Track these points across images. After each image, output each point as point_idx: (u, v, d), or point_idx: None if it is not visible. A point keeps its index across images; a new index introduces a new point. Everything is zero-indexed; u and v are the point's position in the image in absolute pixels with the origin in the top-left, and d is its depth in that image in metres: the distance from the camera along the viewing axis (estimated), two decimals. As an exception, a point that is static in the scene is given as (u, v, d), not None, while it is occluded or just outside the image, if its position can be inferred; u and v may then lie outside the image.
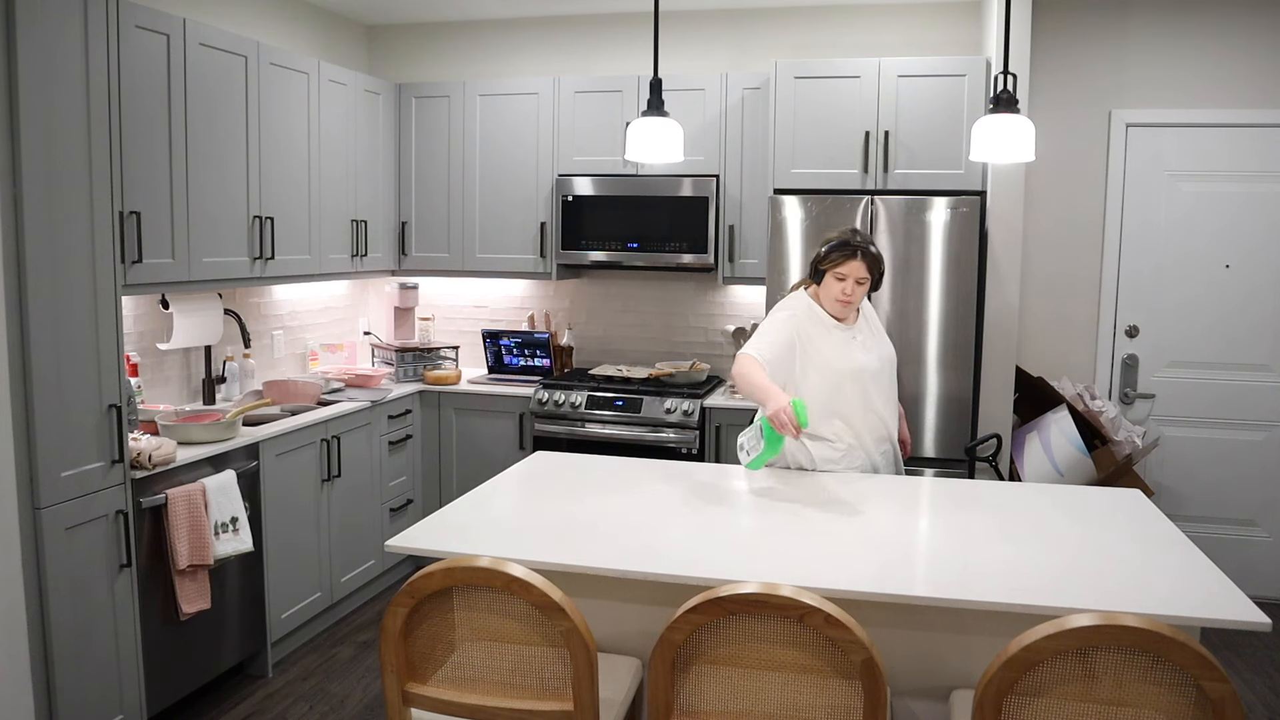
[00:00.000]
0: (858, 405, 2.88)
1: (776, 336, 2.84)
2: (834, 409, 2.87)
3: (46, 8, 2.51)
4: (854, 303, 2.86)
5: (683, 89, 4.35)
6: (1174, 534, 2.36)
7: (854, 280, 2.81)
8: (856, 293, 2.83)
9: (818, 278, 2.89)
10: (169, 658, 3.05)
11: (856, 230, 2.90)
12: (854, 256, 2.80)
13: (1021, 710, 1.65)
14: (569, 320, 4.99)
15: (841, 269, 2.82)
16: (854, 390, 2.86)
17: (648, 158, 2.94)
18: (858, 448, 2.92)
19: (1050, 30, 4.28)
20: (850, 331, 2.90)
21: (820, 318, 2.88)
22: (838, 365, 2.85)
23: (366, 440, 4.13)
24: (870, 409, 2.91)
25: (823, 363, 2.85)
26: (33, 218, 2.49)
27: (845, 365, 2.85)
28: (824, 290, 2.88)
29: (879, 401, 2.92)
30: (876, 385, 2.91)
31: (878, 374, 2.91)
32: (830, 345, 2.86)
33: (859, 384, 2.86)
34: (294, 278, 4.04)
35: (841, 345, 2.86)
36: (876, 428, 2.93)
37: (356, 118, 4.43)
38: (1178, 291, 4.30)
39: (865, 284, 2.84)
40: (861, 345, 2.90)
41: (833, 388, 2.85)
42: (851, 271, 2.81)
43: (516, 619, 1.85)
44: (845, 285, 2.82)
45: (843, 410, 2.88)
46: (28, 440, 2.51)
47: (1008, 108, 2.56)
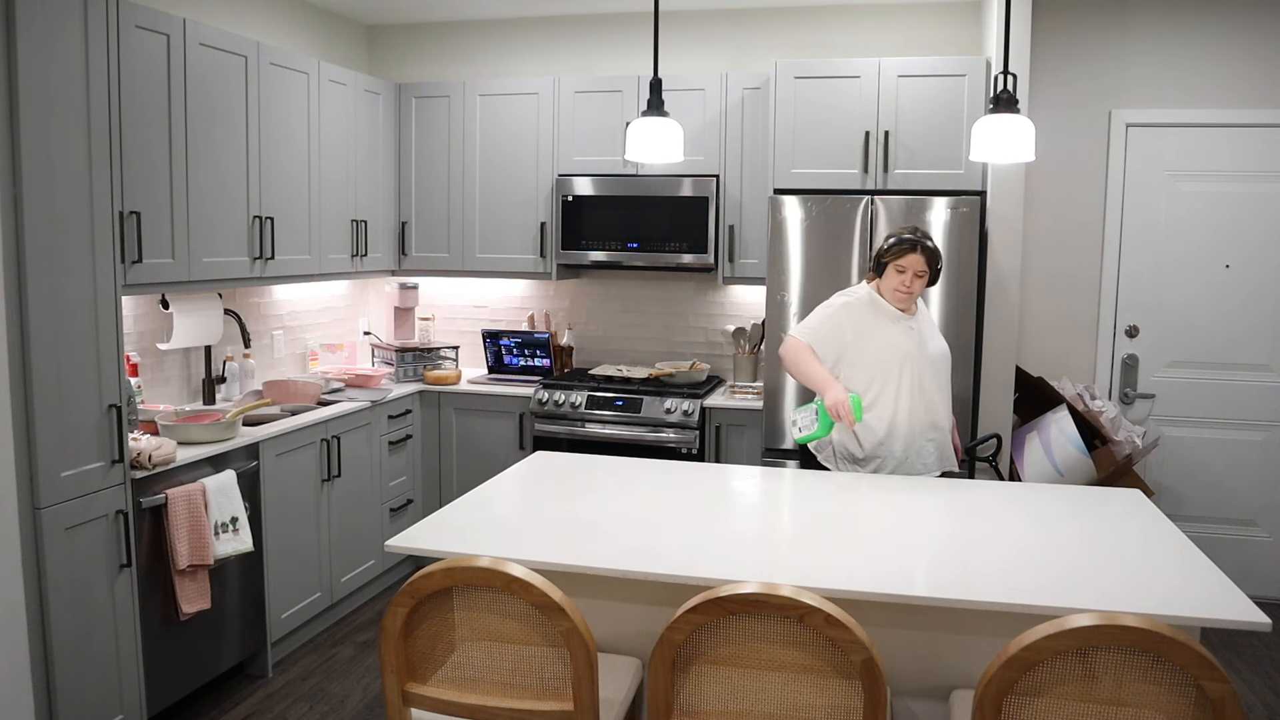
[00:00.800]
0: (913, 389, 3.00)
1: (825, 322, 3.06)
2: (886, 393, 3.00)
3: (46, 8, 2.51)
4: (914, 294, 3.03)
5: (683, 89, 4.35)
6: (1174, 534, 2.36)
7: (913, 273, 2.98)
8: (916, 284, 3.00)
9: (880, 270, 3.06)
10: (169, 658, 3.05)
11: (917, 227, 3.11)
12: (914, 250, 2.97)
13: (1021, 710, 1.65)
14: (569, 320, 4.99)
15: (902, 261, 2.98)
16: (910, 374, 3.00)
17: (648, 158, 2.94)
18: (905, 432, 3.02)
19: (1050, 30, 4.28)
20: (910, 321, 3.06)
21: (882, 307, 3.05)
22: (896, 348, 3.00)
23: (366, 440, 4.13)
24: (924, 395, 3.03)
25: (879, 348, 3.00)
26: (33, 218, 2.49)
27: (903, 348, 3.00)
28: (885, 282, 3.04)
29: (933, 390, 3.05)
30: (932, 373, 3.05)
31: (934, 362, 3.06)
32: (885, 331, 3.02)
33: (915, 369, 3.01)
34: (294, 278, 4.04)
35: (897, 334, 3.02)
36: (928, 414, 3.04)
37: (356, 118, 4.43)
38: (1178, 291, 4.30)
39: (924, 277, 3.00)
40: (917, 336, 3.06)
41: (889, 371, 3.00)
42: (911, 264, 2.97)
43: (516, 619, 1.85)
44: (905, 277, 2.99)
45: (895, 393, 3.00)
46: (28, 440, 2.51)
47: (1008, 108, 2.56)
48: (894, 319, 3.04)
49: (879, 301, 3.06)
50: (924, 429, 3.04)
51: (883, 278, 3.05)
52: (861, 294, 3.09)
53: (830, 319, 3.06)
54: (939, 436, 3.09)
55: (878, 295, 3.07)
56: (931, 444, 3.07)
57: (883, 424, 3.01)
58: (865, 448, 3.04)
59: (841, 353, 3.03)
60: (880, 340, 3.01)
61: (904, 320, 3.05)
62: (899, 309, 3.05)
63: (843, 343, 3.03)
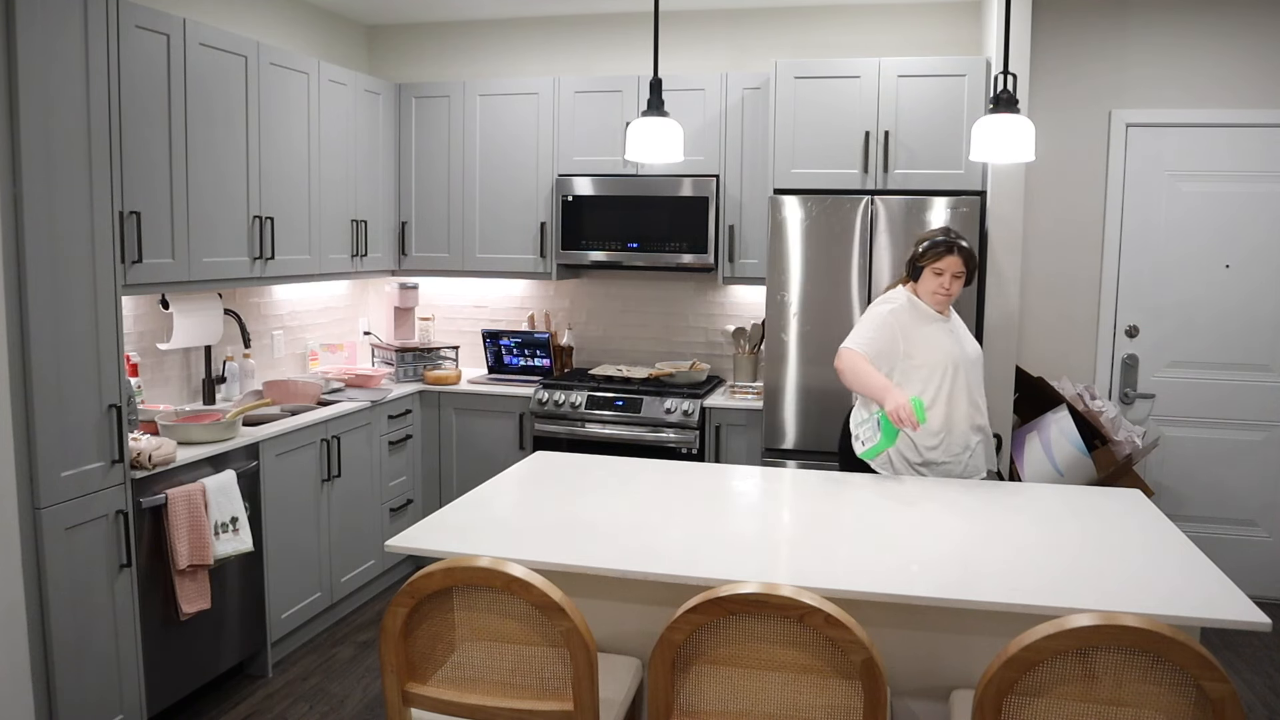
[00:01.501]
0: (960, 393, 2.99)
1: (879, 331, 2.99)
2: (940, 396, 2.97)
3: (46, 8, 2.51)
4: (952, 296, 3.00)
5: (683, 89, 4.35)
6: (1174, 534, 2.36)
7: (951, 274, 2.96)
8: (955, 286, 2.98)
9: (915, 274, 3.04)
10: (169, 658, 3.05)
11: (949, 229, 3.08)
12: (951, 251, 2.95)
13: (1021, 710, 1.65)
14: (569, 320, 4.99)
15: (939, 264, 2.96)
16: (959, 378, 2.99)
17: (648, 158, 2.94)
18: (955, 436, 3.00)
19: (1050, 30, 4.28)
20: (948, 324, 3.05)
21: (923, 310, 3.02)
22: (944, 353, 2.97)
23: (366, 440, 4.13)
24: (969, 398, 3.01)
25: (928, 351, 2.97)
26: (33, 218, 2.49)
27: (944, 355, 2.98)
28: (922, 285, 3.02)
29: (976, 391, 3.05)
30: (974, 375, 3.04)
31: (973, 364, 3.05)
32: (931, 336, 2.99)
33: (961, 372, 2.99)
34: (294, 278, 4.04)
35: (941, 337, 3.00)
36: (973, 416, 3.03)
37: (356, 118, 4.43)
38: (1178, 291, 4.30)
39: (961, 278, 2.98)
40: (957, 338, 3.05)
41: (940, 376, 2.97)
42: (949, 266, 2.95)
43: (516, 619, 1.85)
44: (943, 279, 2.97)
45: (945, 398, 2.97)
46: (28, 440, 2.51)
47: (1008, 108, 2.56)
48: (936, 322, 3.01)
49: (920, 305, 3.03)
50: (973, 430, 3.03)
51: (919, 282, 3.02)
52: (902, 300, 3.05)
53: (883, 328, 2.99)
54: (984, 437, 3.07)
55: (916, 299, 3.04)
56: (979, 444, 3.06)
57: (938, 429, 2.97)
58: (923, 454, 3.00)
59: (894, 361, 2.98)
60: (927, 345, 2.98)
61: (944, 323, 3.03)
62: (937, 312, 3.03)
63: (895, 350, 2.97)
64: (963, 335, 3.09)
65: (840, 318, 3.89)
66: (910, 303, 3.04)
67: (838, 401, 3.93)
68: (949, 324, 3.05)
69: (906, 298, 3.05)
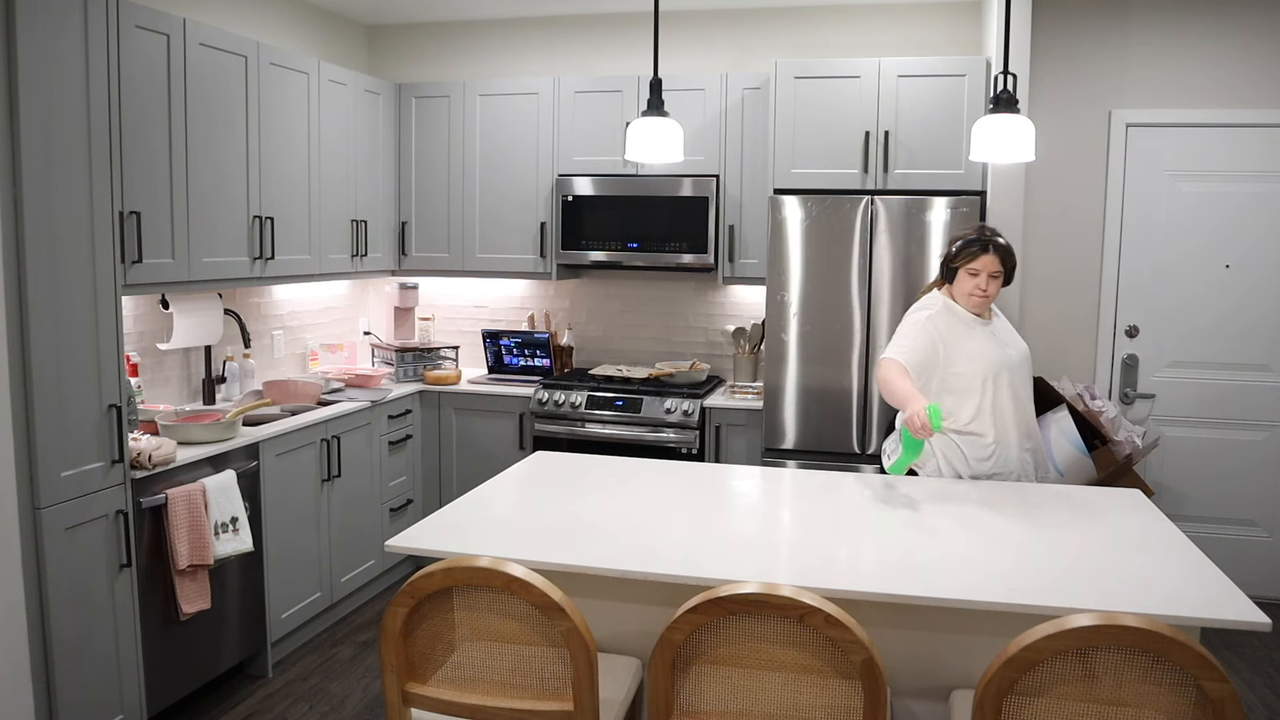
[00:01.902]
0: (1007, 400, 2.88)
1: (918, 338, 2.87)
2: (984, 405, 2.86)
3: (46, 8, 2.51)
4: (990, 297, 2.89)
5: (683, 89, 4.35)
6: (1174, 534, 2.36)
7: (987, 274, 2.85)
8: (991, 286, 2.87)
9: (950, 276, 2.93)
10: (169, 658, 3.05)
11: (984, 225, 2.95)
12: (986, 250, 2.84)
13: (1021, 710, 1.65)
14: (569, 320, 4.99)
15: (974, 264, 2.86)
16: (1003, 384, 2.87)
17: (648, 158, 2.94)
18: (1008, 445, 2.89)
19: (1050, 30, 4.28)
20: (990, 327, 2.93)
21: (960, 315, 2.91)
22: (985, 360, 2.86)
23: (366, 440, 4.13)
24: (1018, 404, 2.91)
25: (969, 358, 2.86)
26: (33, 218, 2.49)
27: (992, 359, 2.86)
28: (958, 287, 2.91)
29: (1024, 397, 2.93)
30: (1021, 379, 2.92)
31: (1020, 367, 2.92)
32: (972, 340, 2.88)
33: (1006, 378, 2.88)
34: (294, 278, 4.04)
35: (983, 340, 2.89)
36: (1024, 423, 2.93)
37: (356, 118, 4.43)
38: (1178, 291, 4.30)
39: (999, 278, 2.87)
40: (1000, 341, 2.92)
41: (983, 383, 2.85)
42: (984, 266, 2.85)
43: (516, 619, 1.85)
44: (979, 280, 2.86)
45: (993, 406, 2.87)
46: (28, 440, 2.51)
47: (1008, 108, 2.56)
48: (976, 327, 2.90)
49: (957, 310, 2.91)
50: (1023, 439, 2.92)
51: (954, 284, 2.91)
52: (938, 304, 2.93)
53: (921, 335, 2.86)
54: (1034, 445, 2.97)
55: (953, 303, 2.93)
56: (1029, 454, 2.94)
57: (988, 439, 2.86)
58: (973, 467, 2.89)
59: (935, 369, 2.86)
60: (968, 351, 2.86)
61: (984, 326, 2.91)
62: (976, 314, 2.92)
63: (936, 358, 2.85)
64: (1007, 337, 2.96)
65: (840, 318, 3.89)
66: (946, 307, 2.92)
67: (838, 401, 3.93)
68: (990, 327, 2.93)
69: (943, 302, 2.93)
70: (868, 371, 3.89)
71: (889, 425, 3.63)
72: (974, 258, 2.86)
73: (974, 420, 2.86)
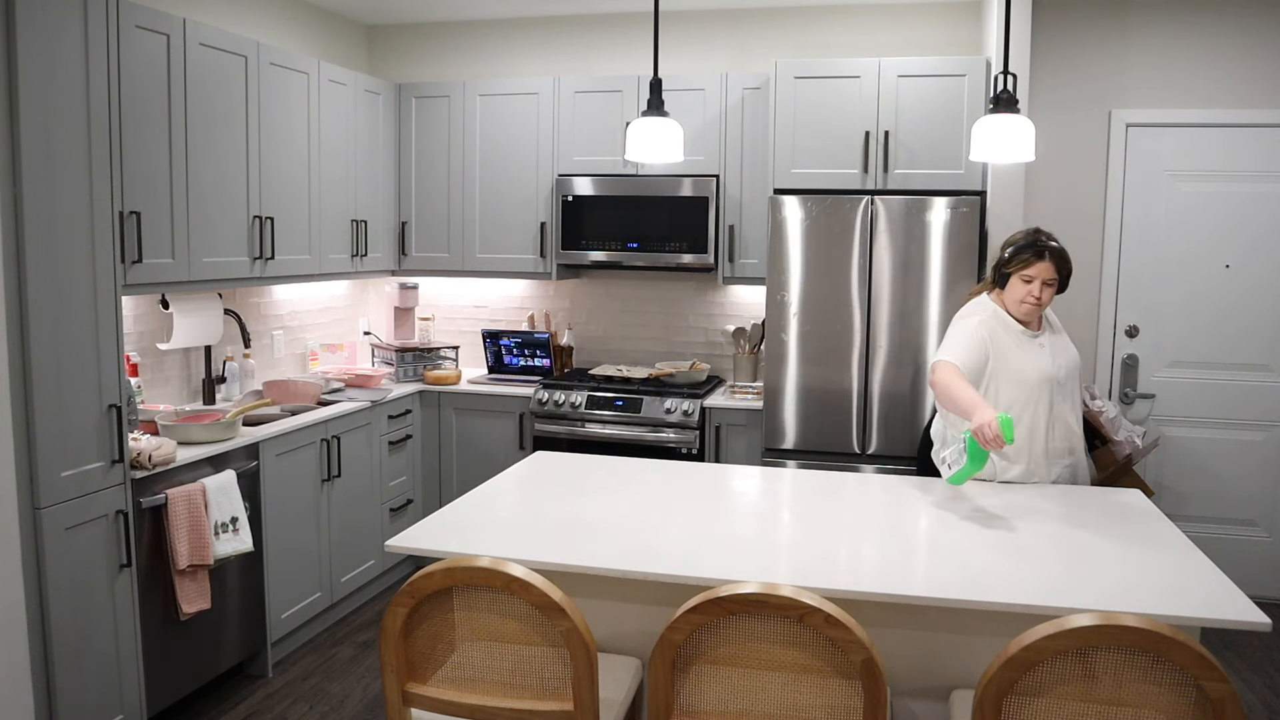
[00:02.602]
0: (1044, 415, 2.78)
1: (971, 342, 2.76)
2: (1024, 417, 2.76)
3: (46, 8, 2.51)
4: (1044, 305, 2.78)
5: (683, 89, 4.35)
6: (1174, 534, 2.36)
7: (1041, 282, 2.74)
8: (1046, 294, 2.76)
9: (1001, 281, 2.82)
10: (169, 658, 3.05)
11: (1040, 230, 2.83)
12: (1041, 257, 2.73)
13: (1021, 710, 1.65)
14: (569, 320, 4.99)
15: (1028, 271, 2.74)
16: (1043, 401, 2.76)
17: (648, 158, 2.94)
18: (1038, 461, 2.80)
19: (1050, 30, 4.28)
20: (1038, 339, 2.82)
21: (1008, 324, 2.81)
22: (1027, 375, 2.76)
23: (366, 440, 4.13)
24: (1058, 419, 2.80)
25: (1012, 372, 2.76)
26: (33, 218, 2.49)
27: (1035, 375, 2.76)
28: (1009, 294, 2.80)
29: (1068, 412, 2.82)
30: (1063, 394, 2.81)
31: (1064, 382, 2.82)
32: (1019, 354, 2.77)
33: (1047, 394, 2.77)
34: (294, 278, 4.04)
35: (1031, 353, 2.78)
36: (1064, 439, 2.83)
37: (356, 118, 4.43)
38: (1178, 291, 4.29)
39: (1054, 285, 2.76)
40: (1050, 353, 2.81)
41: (1023, 398, 2.76)
42: (1039, 273, 2.73)
43: (516, 619, 1.85)
44: (1033, 288, 2.75)
45: (1033, 418, 2.77)
46: (28, 440, 2.51)
47: (1008, 108, 2.56)
48: (1025, 336, 2.80)
49: (1004, 318, 2.81)
50: (1060, 454, 2.83)
51: (1006, 290, 2.80)
52: (988, 310, 2.83)
53: (974, 338, 2.77)
54: (1074, 461, 2.87)
55: (1002, 311, 2.82)
56: (1068, 470, 2.86)
57: (1020, 452, 2.78)
58: (999, 477, 2.82)
59: (983, 375, 2.77)
60: (1016, 361, 2.77)
61: (1031, 338, 2.81)
62: (1023, 323, 2.81)
63: (986, 363, 2.76)
64: (1059, 348, 2.85)
65: (840, 318, 3.89)
66: (997, 316, 2.81)
67: (838, 401, 3.93)
68: (1038, 338, 2.81)
69: (994, 309, 2.83)
70: (868, 371, 3.89)
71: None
72: (1028, 264, 2.74)
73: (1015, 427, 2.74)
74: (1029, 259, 2.75)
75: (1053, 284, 2.76)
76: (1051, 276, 2.74)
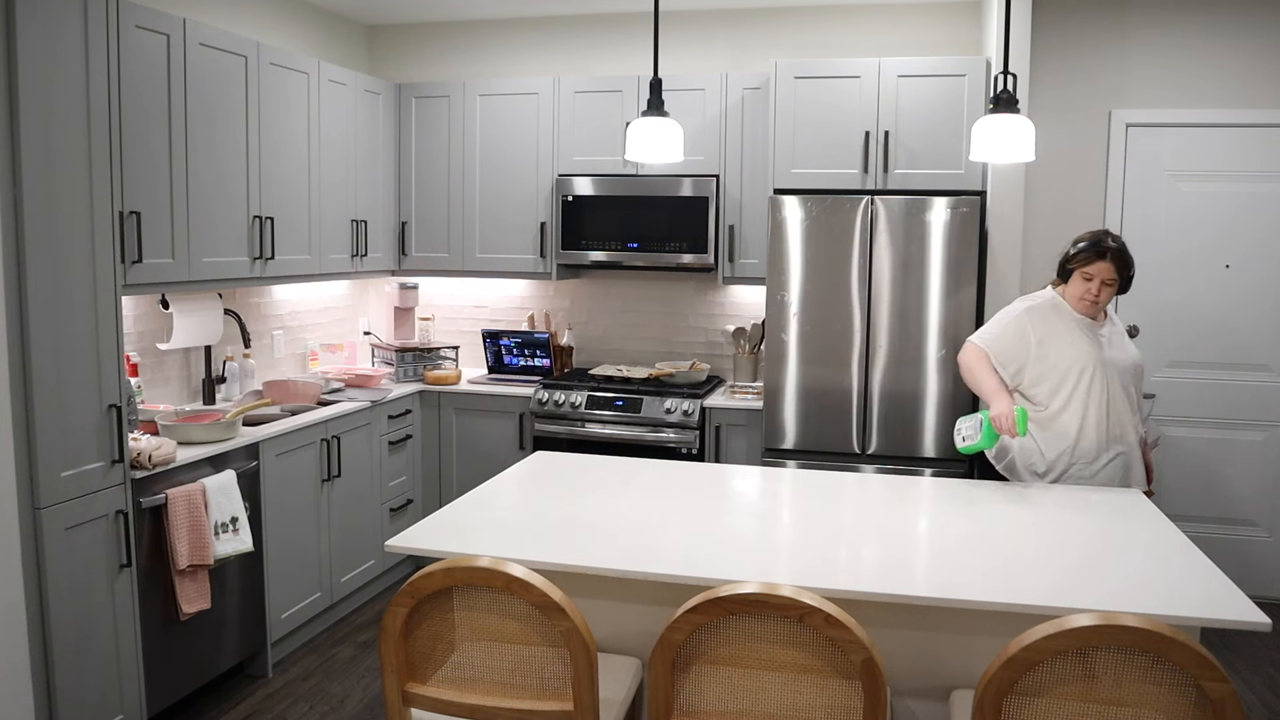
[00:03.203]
0: (1100, 400, 2.87)
1: (1007, 328, 2.96)
2: (1075, 399, 2.87)
3: (46, 8, 2.51)
4: (1101, 303, 2.89)
5: (683, 89, 4.35)
6: (1174, 534, 2.36)
7: (1100, 281, 2.86)
8: (1104, 293, 2.87)
9: (1065, 276, 2.95)
10: (169, 658, 3.05)
11: (1109, 232, 2.93)
12: (1103, 257, 2.84)
13: (1021, 710, 1.65)
14: (569, 320, 4.99)
15: (1089, 269, 2.86)
16: (1098, 384, 2.87)
17: (648, 158, 2.94)
18: (1088, 443, 2.89)
19: (1050, 30, 4.28)
20: (1098, 329, 2.94)
21: (1066, 311, 2.94)
22: (1082, 356, 2.87)
23: (366, 440, 4.13)
24: (1112, 407, 2.89)
25: (1064, 353, 2.88)
26: (33, 218, 2.49)
27: (1090, 356, 2.87)
28: (1070, 289, 2.94)
29: (1120, 402, 2.90)
30: (1120, 384, 2.90)
31: (1122, 372, 2.91)
32: (1074, 335, 2.90)
33: (1102, 377, 2.87)
34: (294, 278, 4.04)
35: (1085, 337, 2.90)
36: (1114, 427, 2.90)
37: (356, 118, 4.43)
38: (1178, 291, 4.29)
39: (1113, 286, 2.87)
40: (1107, 343, 2.93)
41: (1074, 380, 2.87)
42: (1099, 272, 2.85)
43: (516, 619, 1.85)
44: (1091, 285, 2.87)
45: (1084, 403, 2.87)
46: (28, 440, 2.51)
47: (1008, 108, 2.56)
48: (1080, 325, 2.91)
49: (1063, 307, 2.95)
50: (1110, 442, 2.89)
51: (1068, 285, 2.94)
52: (1045, 298, 2.99)
53: (1012, 325, 2.95)
54: (1126, 451, 2.92)
55: (1062, 301, 2.96)
56: (1119, 459, 2.91)
57: (1068, 435, 2.88)
58: (1048, 459, 2.92)
59: (1025, 360, 2.92)
60: (1065, 347, 2.89)
61: (1091, 327, 2.92)
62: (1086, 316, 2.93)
63: (1025, 349, 2.91)
64: (1116, 341, 2.96)
65: (840, 318, 3.89)
66: (1054, 303, 2.96)
67: (838, 401, 3.93)
68: (1099, 329, 2.93)
69: (1052, 297, 2.97)
70: (868, 371, 3.89)
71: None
72: (1088, 262, 2.86)
73: (1062, 412, 2.88)
74: (1089, 257, 2.86)
75: (1112, 284, 2.87)
76: (1111, 277, 2.85)
